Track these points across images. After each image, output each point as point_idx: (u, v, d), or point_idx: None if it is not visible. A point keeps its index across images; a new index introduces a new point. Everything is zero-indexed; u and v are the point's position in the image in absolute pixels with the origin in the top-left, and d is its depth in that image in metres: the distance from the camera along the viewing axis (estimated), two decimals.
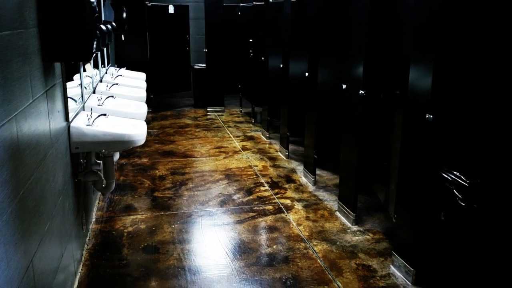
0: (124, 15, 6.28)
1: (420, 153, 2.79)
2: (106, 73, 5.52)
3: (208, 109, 8.22)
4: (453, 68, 2.64)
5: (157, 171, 4.91)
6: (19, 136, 1.77)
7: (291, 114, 5.38)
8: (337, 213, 3.89)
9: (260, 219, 3.76)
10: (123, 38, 7.38)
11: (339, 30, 4.35)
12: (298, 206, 4.03)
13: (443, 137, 2.70)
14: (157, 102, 8.29)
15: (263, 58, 6.31)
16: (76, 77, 4.20)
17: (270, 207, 4.01)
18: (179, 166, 5.07)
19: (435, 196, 2.74)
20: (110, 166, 3.24)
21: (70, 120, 2.89)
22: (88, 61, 2.67)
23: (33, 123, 2.00)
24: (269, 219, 3.77)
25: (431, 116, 2.65)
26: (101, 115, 3.11)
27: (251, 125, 7.20)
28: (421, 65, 2.73)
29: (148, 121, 7.33)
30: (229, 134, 6.54)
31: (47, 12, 2.22)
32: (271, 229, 3.59)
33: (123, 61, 7.43)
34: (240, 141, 6.18)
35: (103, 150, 3.12)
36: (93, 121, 3.04)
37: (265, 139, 6.30)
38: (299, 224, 3.67)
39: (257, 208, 3.98)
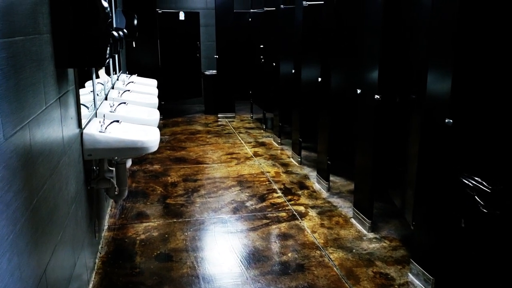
0: (135, 22, 6.29)
1: (440, 159, 2.72)
2: (117, 80, 5.52)
3: (219, 115, 8.19)
4: (473, 70, 2.58)
5: (169, 177, 4.88)
6: (32, 144, 1.73)
7: (303, 119, 5.33)
8: (352, 220, 3.82)
9: (274, 226, 3.70)
10: (134, 45, 7.39)
11: (351, 34, 4.30)
12: (312, 213, 3.97)
13: (463, 142, 2.63)
14: (168, 108, 8.28)
15: (274, 64, 6.27)
16: (88, 84, 4.20)
17: (284, 214, 3.95)
18: (191, 173, 5.03)
19: (455, 203, 2.66)
20: (123, 173, 3.21)
21: (83, 127, 2.87)
22: (102, 67, 2.64)
23: (46, 130, 1.97)
24: (283, 226, 3.71)
25: (451, 121, 2.58)
26: (113, 121, 3.08)
27: (262, 131, 7.16)
28: (439, 67, 2.67)
29: (159, 127, 7.30)
30: (240, 140, 6.50)
31: (61, 18, 2.20)
32: (285, 236, 3.53)
33: (134, 68, 7.44)
34: (252, 147, 6.14)
35: (116, 157, 3.09)
36: (105, 128, 3.01)
37: (277, 145, 6.25)
38: (313, 232, 3.61)
39: (271, 215, 3.92)
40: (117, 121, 3.10)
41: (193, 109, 8.89)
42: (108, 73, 4.77)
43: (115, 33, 4.03)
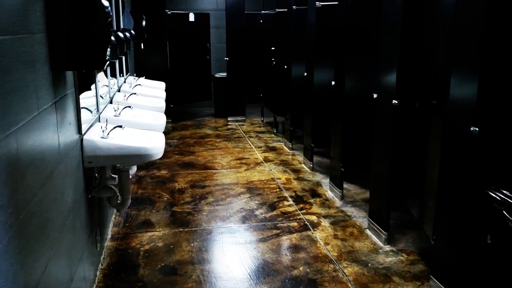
0: (144, 23, 6.16)
1: (464, 170, 2.52)
2: (124, 82, 5.39)
3: (229, 119, 8.03)
4: (500, 73, 2.37)
5: (176, 183, 4.72)
6: (19, 153, 1.58)
7: (315, 124, 5.14)
8: (368, 231, 3.63)
9: (285, 237, 3.52)
10: (142, 47, 7.28)
11: (367, 36, 4.11)
12: (325, 223, 3.78)
13: (489, 152, 2.43)
14: (177, 111, 8.14)
15: (286, 67, 6.09)
16: (94, 86, 4.07)
17: (295, 223, 3.76)
18: (199, 179, 4.87)
19: (480, 217, 2.46)
20: (125, 181, 3.05)
21: (83, 132, 2.72)
22: (101, 70, 2.49)
23: (38, 138, 1.81)
24: (294, 237, 3.53)
25: (477, 129, 2.38)
26: (116, 127, 2.93)
27: (273, 135, 6.98)
28: (464, 71, 2.47)
29: (168, 131, 7.19)
30: (250, 145, 6.33)
31: (57, 17, 2.05)
32: (296, 248, 3.34)
33: (142, 70, 7.32)
34: (262, 152, 5.96)
35: (118, 165, 2.94)
36: (108, 134, 2.86)
37: (288, 150, 6.06)
38: (326, 243, 3.42)
39: (281, 224, 3.74)
40: (120, 126, 2.94)
41: (202, 112, 8.74)
42: (114, 75, 4.63)
43: (120, 34, 3.89)
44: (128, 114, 3.65)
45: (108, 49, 2.22)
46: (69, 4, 2.04)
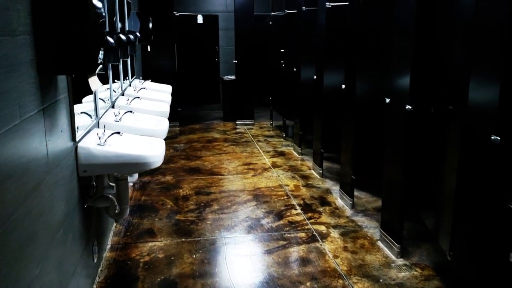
0: (150, 25, 6.05)
1: (484, 181, 2.33)
2: (130, 85, 5.27)
3: (237, 122, 7.89)
4: None
5: (181, 190, 4.58)
6: None
7: (325, 128, 4.97)
8: (379, 243, 3.44)
9: (292, 249, 3.34)
10: (149, 49, 7.16)
11: (379, 38, 3.94)
12: (334, 233, 3.60)
13: None
14: (185, 115, 8.02)
15: (295, 69, 5.93)
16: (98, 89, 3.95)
17: (303, 234, 3.59)
18: (204, 185, 4.72)
19: (502, 233, 2.27)
20: (124, 190, 2.91)
21: (78, 139, 2.58)
22: (92, 74, 2.35)
23: (20, 148, 1.67)
24: (302, 249, 3.35)
25: (498, 138, 2.19)
26: (114, 133, 2.79)
27: (282, 139, 6.81)
28: (484, 74, 2.29)
29: (175, 134, 7.06)
30: (258, 149, 6.17)
31: (45, 17, 1.91)
32: (303, 261, 3.17)
33: (150, 73, 7.20)
34: (270, 157, 5.79)
35: (115, 173, 2.80)
36: (105, 140, 2.72)
37: (297, 155, 5.89)
38: (336, 256, 3.24)
39: (288, 235, 3.57)
40: (118, 132, 2.80)
41: (211, 115, 8.60)
42: (117, 78, 4.51)
43: (122, 36, 3.77)
44: (129, 119, 3.52)
45: (101, 52, 2.08)
46: (58, 4, 1.90)
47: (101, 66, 2.07)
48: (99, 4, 2.05)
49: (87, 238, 2.77)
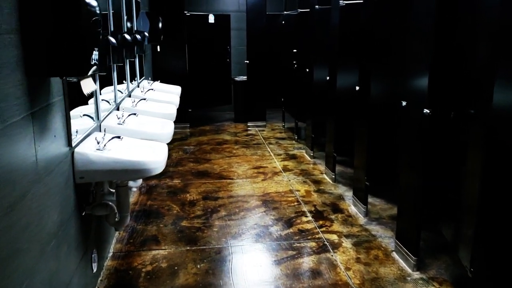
0: (160, 25, 5.93)
1: (511, 192, 2.14)
2: (138, 86, 5.15)
3: (248, 124, 7.73)
4: None
5: (188, 194, 4.44)
6: None
7: (338, 131, 4.78)
8: (394, 255, 3.25)
9: (301, 260, 3.17)
10: (158, 49, 7.05)
11: (395, 37, 3.75)
12: (346, 243, 3.42)
13: None
14: (196, 116, 7.89)
15: (307, 70, 5.75)
16: (104, 90, 3.83)
17: (313, 243, 3.42)
18: (212, 190, 4.57)
19: None
20: (124, 197, 2.77)
21: (75, 144, 2.45)
22: (83, 76, 2.22)
23: (2, 156, 1.54)
24: (312, 260, 3.18)
25: None
26: (114, 137, 2.65)
27: (294, 142, 6.63)
28: None
29: (185, 136, 6.94)
30: (269, 152, 6.00)
31: (31, 16, 1.78)
32: (313, 274, 3.00)
33: (160, 73, 7.10)
34: (281, 160, 5.62)
35: (114, 180, 2.66)
36: (104, 145, 2.59)
37: (309, 158, 5.71)
38: (347, 268, 3.06)
39: (298, 244, 3.40)
40: (118, 137, 2.67)
41: (222, 116, 8.46)
42: (123, 79, 4.39)
43: (127, 36, 3.64)
44: (133, 122, 3.39)
45: (95, 53, 1.94)
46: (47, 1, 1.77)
47: (95, 67, 1.93)
48: (93, 2, 1.90)
49: (85, 247, 2.64)
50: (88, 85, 2.29)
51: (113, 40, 2.89)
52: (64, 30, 1.75)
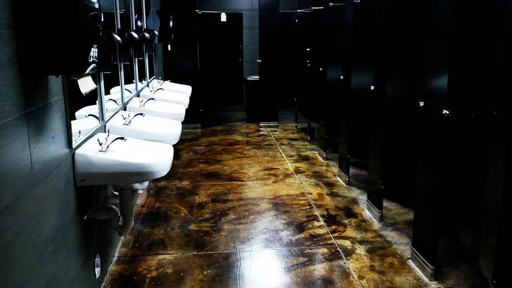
0: (171, 23, 5.84)
1: None
2: (147, 86, 5.06)
3: (260, 124, 7.61)
4: None
5: (197, 197, 4.33)
6: None
7: (352, 132, 4.64)
8: (410, 262, 3.10)
9: (312, 267, 3.04)
10: (169, 48, 6.98)
11: (412, 35, 3.59)
12: (360, 250, 3.28)
13: None
14: (208, 116, 7.80)
15: (321, 69, 5.61)
16: (113, 90, 3.75)
17: (325, 250, 3.28)
18: (222, 192, 4.46)
19: None
20: (128, 201, 2.67)
21: (77, 145, 2.36)
22: (80, 74, 2.11)
23: None
24: (324, 267, 3.05)
25: None
26: (117, 138, 2.55)
27: (306, 142, 6.49)
28: None
29: (196, 136, 6.85)
30: (281, 153, 5.87)
31: (25, 10, 1.68)
32: (325, 282, 2.87)
33: (171, 72, 7.02)
34: (293, 162, 5.49)
35: (117, 183, 2.57)
36: (107, 146, 2.49)
37: (322, 160, 5.57)
38: (361, 277, 2.92)
39: (309, 251, 3.27)
40: (122, 138, 2.57)
41: (234, 117, 8.35)
42: (131, 79, 4.30)
43: (134, 34, 3.55)
44: (139, 122, 3.29)
45: (94, 50, 1.84)
46: None
47: (94, 65, 1.82)
48: None
49: (87, 252, 2.54)
50: (86, 84, 2.19)
51: (118, 38, 2.79)
52: (57, 25, 1.65)
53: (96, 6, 1.83)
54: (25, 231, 1.71)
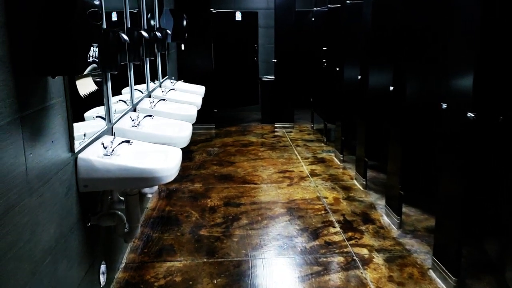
0: (184, 22, 5.74)
1: None
2: (160, 86, 4.97)
3: (276, 125, 7.47)
4: None
5: (209, 200, 4.22)
6: None
7: (369, 133, 4.47)
8: (431, 273, 2.93)
9: (327, 277, 2.90)
10: (183, 48, 6.88)
11: (433, 34, 3.41)
12: (378, 259, 3.12)
13: None
14: (222, 116, 7.68)
15: (338, 69, 5.44)
16: (125, 90, 3.66)
17: (341, 258, 3.13)
18: (234, 195, 4.34)
19: None
20: (134, 207, 2.56)
21: (79, 149, 2.26)
22: (78, 75, 2.01)
23: None
24: (339, 277, 2.90)
25: None
26: (123, 142, 2.45)
27: (322, 144, 6.32)
28: None
29: (210, 137, 6.74)
30: (296, 155, 5.72)
31: (21, 8, 1.58)
32: None
33: (185, 72, 6.93)
34: (309, 164, 5.33)
35: (122, 189, 2.46)
36: (112, 150, 2.39)
37: (338, 162, 5.40)
38: None
39: (324, 259, 3.12)
40: (128, 141, 2.46)
41: (249, 117, 8.21)
42: (142, 80, 4.20)
43: (144, 33, 3.44)
44: (148, 124, 3.19)
45: (93, 49, 1.73)
46: None
47: (94, 65, 1.71)
48: None
49: (91, 260, 2.44)
50: (85, 85, 2.08)
51: (125, 37, 2.68)
52: (52, 24, 1.54)
53: (96, 2, 1.71)
54: (19, 242, 1.61)
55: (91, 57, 1.71)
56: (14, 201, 1.58)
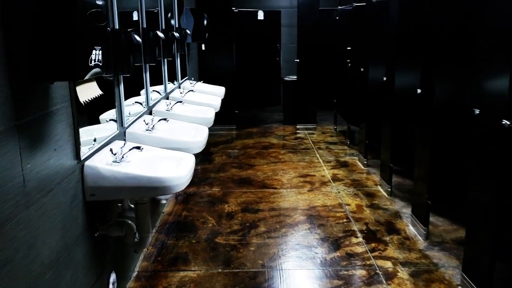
0: (205, 22, 5.64)
1: None
2: (179, 87, 4.88)
3: (298, 126, 7.30)
4: None
5: (226, 205, 4.09)
6: None
7: (395, 137, 4.26)
8: None
9: None
10: (203, 48, 6.79)
11: (465, 34, 3.20)
12: (402, 273, 2.93)
13: None
14: (244, 117, 7.56)
15: (362, 69, 5.24)
16: (143, 92, 3.58)
17: (363, 272, 2.96)
18: (253, 200, 4.20)
19: None
20: (144, 216, 2.45)
21: (86, 156, 2.16)
22: (79, 80, 1.90)
23: None
24: None
25: None
26: (133, 148, 2.34)
27: (345, 147, 6.12)
28: None
29: (231, 139, 6.63)
30: (318, 159, 5.55)
31: (16, 10, 1.48)
32: None
33: (206, 73, 6.84)
34: (331, 168, 5.15)
35: (131, 198, 2.35)
36: (122, 157, 2.28)
37: (362, 167, 5.20)
38: None
39: (345, 272, 2.95)
40: (138, 147, 2.35)
41: (271, 118, 8.06)
42: (159, 81, 4.11)
43: (160, 34, 3.34)
44: (162, 128, 3.08)
45: (96, 52, 1.61)
46: None
47: (96, 70, 1.60)
48: None
49: (99, 271, 2.35)
50: (88, 91, 1.97)
51: (138, 38, 2.57)
52: (49, 26, 1.43)
53: (99, 2, 1.60)
54: (14, 259, 1.51)
55: (93, 61, 1.60)
56: (9, 215, 1.48)
